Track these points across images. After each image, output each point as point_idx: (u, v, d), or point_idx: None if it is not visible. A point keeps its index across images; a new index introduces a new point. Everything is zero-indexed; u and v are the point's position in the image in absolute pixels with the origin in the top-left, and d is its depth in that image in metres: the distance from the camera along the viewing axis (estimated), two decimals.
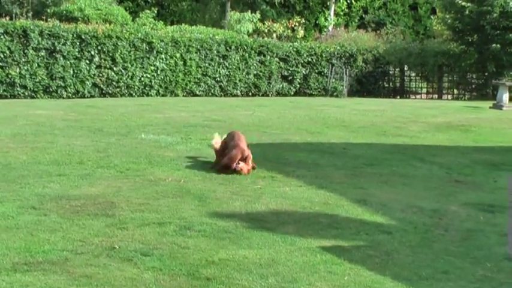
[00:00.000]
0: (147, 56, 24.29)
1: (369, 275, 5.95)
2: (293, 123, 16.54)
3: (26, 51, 21.83)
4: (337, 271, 5.98)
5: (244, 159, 10.06)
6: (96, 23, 25.50)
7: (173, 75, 24.98)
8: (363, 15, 43.26)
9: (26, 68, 21.81)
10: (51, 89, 22.33)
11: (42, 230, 6.77)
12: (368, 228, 7.43)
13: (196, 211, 7.73)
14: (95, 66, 23.09)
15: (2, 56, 21.45)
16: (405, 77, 31.85)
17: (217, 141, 10.73)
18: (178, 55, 25.07)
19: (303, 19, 38.42)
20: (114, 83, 23.52)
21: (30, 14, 29.61)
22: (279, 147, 12.78)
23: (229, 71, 26.50)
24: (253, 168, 10.21)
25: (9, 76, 21.57)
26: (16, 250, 6.15)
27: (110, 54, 23.37)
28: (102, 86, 23.30)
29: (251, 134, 13.81)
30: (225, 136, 10.79)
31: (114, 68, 23.46)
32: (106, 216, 7.36)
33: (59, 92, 22.45)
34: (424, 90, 32.05)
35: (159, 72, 24.57)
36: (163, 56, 24.64)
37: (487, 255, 6.69)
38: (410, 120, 18.21)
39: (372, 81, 30.44)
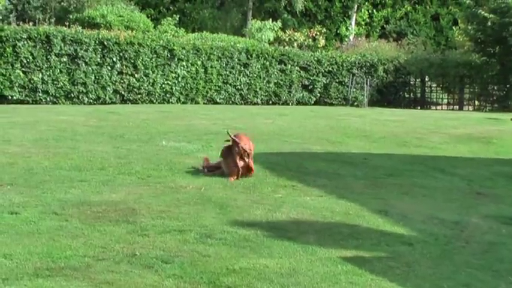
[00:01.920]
0: (169, 63, 24.38)
1: (390, 286, 5.92)
2: (313, 133, 16.51)
3: (48, 56, 21.97)
4: (359, 282, 5.95)
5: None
6: (118, 29, 25.64)
7: (194, 83, 25.05)
8: (384, 25, 43.16)
9: (48, 73, 21.95)
10: (72, 95, 22.46)
11: (63, 236, 6.80)
12: (389, 239, 7.40)
13: (217, 219, 7.73)
14: (116, 72, 23.20)
15: (25, 61, 21.60)
16: (426, 88, 31.71)
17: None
18: (199, 63, 25.13)
19: (324, 28, 38.45)
20: (135, 90, 23.62)
21: (53, 20, 29.85)
22: (299, 157, 12.76)
23: (250, 79, 26.52)
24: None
25: (32, 81, 21.72)
26: (38, 255, 6.18)
27: (132, 61, 23.47)
28: (123, 92, 23.41)
29: (271, 142, 13.84)
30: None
31: (136, 75, 23.55)
32: (127, 222, 7.38)
33: (80, 98, 22.56)
34: (445, 101, 31.91)
35: (180, 80, 24.64)
36: (184, 63, 24.71)
37: (509, 269, 6.63)
38: (431, 131, 18.10)
39: (392, 92, 30.39)
